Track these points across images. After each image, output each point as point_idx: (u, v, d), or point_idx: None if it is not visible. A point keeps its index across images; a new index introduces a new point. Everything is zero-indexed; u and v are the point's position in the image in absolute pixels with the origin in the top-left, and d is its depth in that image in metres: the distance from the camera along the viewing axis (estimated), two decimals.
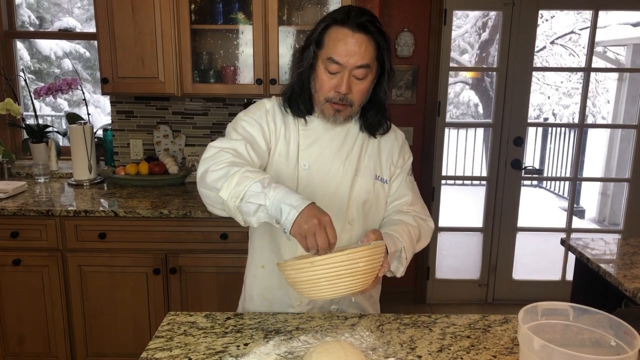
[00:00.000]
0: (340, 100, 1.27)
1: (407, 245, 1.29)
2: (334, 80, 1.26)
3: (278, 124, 1.36)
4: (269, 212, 1.07)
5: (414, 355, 1.14)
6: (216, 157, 1.20)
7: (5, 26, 3.02)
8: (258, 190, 1.07)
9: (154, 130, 2.86)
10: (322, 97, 1.30)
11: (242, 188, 1.09)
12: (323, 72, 1.27)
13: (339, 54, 1.23)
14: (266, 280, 1.44)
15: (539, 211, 6.05)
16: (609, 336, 0.95)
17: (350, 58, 1.23)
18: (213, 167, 1.16)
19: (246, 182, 1.09)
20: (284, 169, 1.35)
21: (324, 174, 1.36)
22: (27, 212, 2.26)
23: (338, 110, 1.30)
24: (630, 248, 2.00)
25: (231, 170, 1.13)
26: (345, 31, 1.23)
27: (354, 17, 1.24)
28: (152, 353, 1.13)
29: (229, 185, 1.10)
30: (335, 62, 1.24)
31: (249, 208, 1.08)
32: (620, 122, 4.96)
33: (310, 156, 1.36)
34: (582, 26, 9.09)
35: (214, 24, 2.58)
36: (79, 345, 2.41)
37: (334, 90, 1.27)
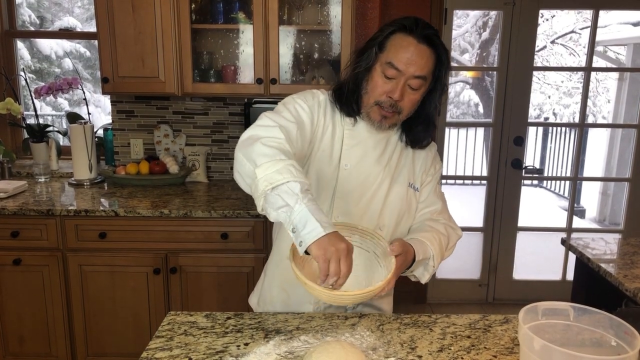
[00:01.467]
0: (391, 106, 1.28)
1: (436, 253, 1.31)
2: (388, 85, 1.26)
3: (327, 120, 1.35)
4: (292, 216, 1.03)
5: (415, 355, 1.14)
6: (271, 131, 1.16)
7: (6, 26, 3.02)
8: (296, 190, 1.03)
9: (155, 130, 2.86)
10: (372, 99, 1.29)
11: (280, 178, 1.04)
12: (379, 75, 1.27)
13: (400, 60, 1.24)
14: (288, 272, 1.41)
15: (540, 211, 6.05)
16: (609, 336, 0.95)
17: (410, 67, 1.24)
18: (265, 140, 1.12)
19: (287, 175, 1.05)
20: (326, 166, 1.35)
21: (363, 177, 1.36)
22: (28, 211, 2.26)
23: (385, 117, 1.30)
24: (630, 248, 2.00)
25: (279, 155, 1.09)
26: (410, 39, 1.25)
27: (421, 28, 1.25)
28: (152, 353, 1.13)
29: (270, 168, 1.05)
30: (394, 68, 1.24)
31: (276, 200, 1.04)
32: (621, 121, 4.96)
33: (353, 157, 1.36)
34: (583, 25, 9.09)
35: (214, 24, 2.58)
36: (79, 345, 2.41)
37: (387, 95, 1.27)
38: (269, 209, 1.06)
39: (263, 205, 1.07)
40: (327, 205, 1.36)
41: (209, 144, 2.89)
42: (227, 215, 2.27)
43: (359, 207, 1.36)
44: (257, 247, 2.33)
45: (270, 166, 1.05)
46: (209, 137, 2.88)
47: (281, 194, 1.03)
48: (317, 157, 1.34)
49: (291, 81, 2.66)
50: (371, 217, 1.37)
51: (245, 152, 1.12)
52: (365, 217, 1.37)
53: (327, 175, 1.35)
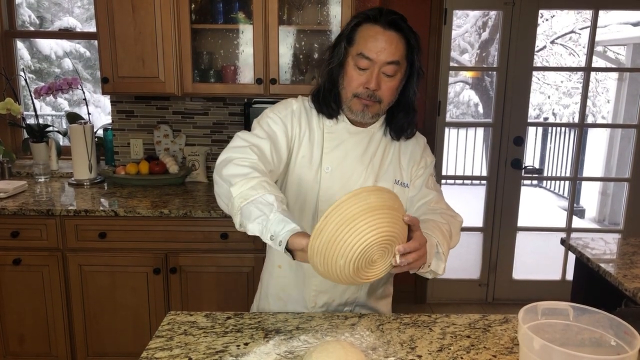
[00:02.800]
0: (369, 96, 1.28)
1: (440, 240, 1.25)
2: (363, 77, 1.27)
3: (303, 126, 1.36)
4: (268, 224, 1.06)
5: (414, 355, 1.14)
6: (242, 152, 1.21)
7: (6, 26, 3.02)
8: (270, 200, 1.09)
9: (154, 130, 2.86)
10: (349, 93, 1.30)
11: (254, 193, 1.10)
12: (352, 68, 1.28)
13: (370, 50, 1.24)
14: (281, 280, 1.45)
15: (539, 211, 6.05)
16: (609, 336, 0.96)
17: (381, 54, 1.24)
18: (237, 161, 1.18)
19: (260, 190, 1.10)
20: (307, 171, 1.36)
21: (346, 178, 1.36)
22: (28, 211, 2.26)
23: (366, 105, 1.29)
24: (630, 248, 2.00)
25: (253, 173, 1.14)
26: (376, 28, 1.25)
27: (385, 14, 1.26)
28: (152, 352, 1.13)
29: (243, 185, 1.11)
30: (366, 58, 1.25)
31: (251, 212, 1.09)
32: (620, 121, 4.96)
33: (334, 160, 1.36)
34: (582, 26, 9.09)
35: (214, 24, 2.58)
36: (79, 345, 2.41)
37: (363, 86, 1.27)
38: (245, 222, 1.10)
39: (240, 221, 1.11)
40: (312, 210, 1.37)
41: (208, 144, 2.89)
42: (227, 215, 2.27)
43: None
44: (257, 247, 2.33)
45: (244, 184, 1.11)
46: (208, 137, 2.88)
47: (257, 205, 1.08)
48: (297, 164, 1.36)
49: (291, 81, 2.66)
50: None
51: (221, 173, 1.18)
52: None
53: (309, 181, 1.36)
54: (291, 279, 1.44)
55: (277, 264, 1.46)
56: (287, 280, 1.44)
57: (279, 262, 1.44)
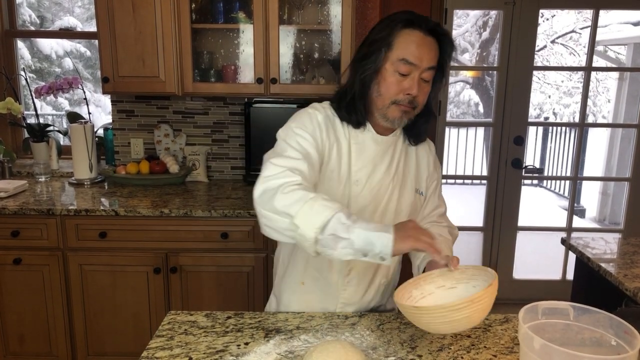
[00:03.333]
0: (409, 102, 1.26)
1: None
2: (404, 82, 1.25)
3: (331, 139, 1.31)
4: (354, 245, 1.03)
5: (415, 355, 1.14)
6: (282, 177, 1.13)
7: (6, 25, 3.02)
8: (343, 221, 1.04)
9: (155, 130, 2.86)
10: (387, 100, 1.27)
11: (323, 218, 1.04)
12: (392, 74, 1.25)
13: (413, 55, 1.23)
14: (306, 296, 1.42)
15: (540, 210, 6.05)
16: (609, 335, 0.95)
17: (423, 60, 1.23)
18: (283, 188, 1.10)
19: (326, 212, 1.05)
20: (335, 185, 1.32)
21: (375, 190, 1.34)
22: (28, 211, 2.27)
23: (405, 112, 1.28)
24: (630, 247, 2.00)
25: (307, 194, 1.08)
26: (417, 33, 1.24)
27: (424, 21, 1.25)
28: (152, 352, 1.14)
29: (307, 213, 1.05)
30: (409, 63, 1.23)
31: (330, 241, 1.04)
32: (621, 121, 4.96)
33: (363, 172, 1.33)
34: (583, 25, 9.09)
35: (214, 23, 2.58)
36: (79, 344, 2.41)
37: (404, 92, 1.25)
38: (327, 251, 1.06)
39: (320, 250, 1.07)
40: None
41: (209, 144, 2.89)
42: (227, 214, 2.27)
43: (374, 220, 1.33)
44: (257, 246, 2.33)
45: (306, 211, 1.05)
46: (209, 136, 2.89)
47: (333, 232, 1.04)
48: (325, 178, 1.31)
49: (291, 81, 2.66)
50: None
51: (270, 207, 1.10)
52: None
53: (337, 195, 1.31)
54: (316, 295, 1.40)
55: (299, 281, 1.41)
56: (313, 295, 1.41)
57: (302, 279, 1.41)
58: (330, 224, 1.04)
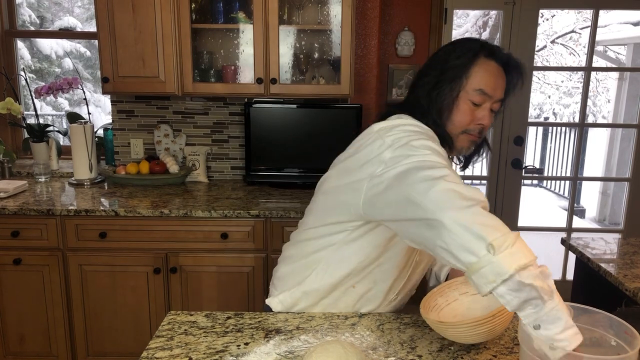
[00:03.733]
0: (479, 132, 1.27)
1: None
2: (478, 113, 1.25)
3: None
4: (541, 312, 0.90)
5: (415, 355, 1.14)
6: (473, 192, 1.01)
7: (6, 25, 3.02)
8: (547, 278, 0.92)
9: (155, 130, 2.86)
10: (459, 129, 1.26)
11: (526, 261, 0.91)
12: (466, 103, 1.24)
13: (489, 86, 1.23)
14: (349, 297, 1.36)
15: (540, 211, 6.05)
16: (609, 336, 0.96)
17: (497, 91, 1.24)
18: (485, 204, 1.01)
19: (529, 257, 0.92)
20: None
21: None
22: (28, 211, 2.27)
23: (474, 142, 1.29)
24: (630, 247, 2.00)
25: (504, 227, 0.96)
26: (493, 64, 1.24)
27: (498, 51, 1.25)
28: (152, 352, 1.14)
29: (508, 245, 0.92)
30: (485, 94, 1.23)
31: (522, 289, 0.90)
32: (621, 121, 4.96)
33: None
34: (583, 25, 9.09)
35: (214, 23, 2.58)
36: (79, 345, 2.41)
37: (476, 122, 1.25)
38: (507, 297, 0.92)
39: (496, 290, 0.93)
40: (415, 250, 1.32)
41: (209, 144, 2.89)
42: (227, 215, 2.27)
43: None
44: (257, 246, 2.33)
45: (507, 242, 0.92)
46: (209, 137, 2.88)
47: (531, 282, 0.90)
48: None
49: (291, 81, 2.66)
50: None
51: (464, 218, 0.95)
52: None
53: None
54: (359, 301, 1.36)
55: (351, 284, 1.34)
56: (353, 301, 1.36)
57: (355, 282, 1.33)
58: (528, 270, 0.91)
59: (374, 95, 2.89)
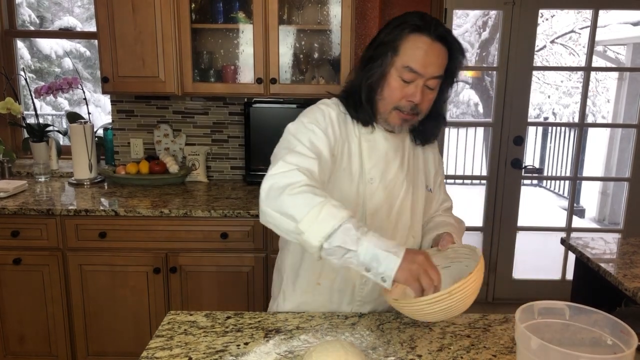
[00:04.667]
0: (411, 109, 1.24)
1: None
2: (407, 89, 1.22)
3: (342, 136, 1.28)
4: (359, 258, 1.01)
5: (414, 355, 1.14)
6: (291, 176, 1.09)
7: (6, 25, 3.02)
8: (350, 233, 1.01)
9: (155, 130, 2.86)
10: (390, 105, 1.25)
11: (328, 227, 1.01)
12: (396, 80, 1.22)
13: (418, 63, 1.19)
14: (320, 297, 1.38)
15: (539, 210, 6.05)
16: (605, 335, 0.96)
17: (429, 68, 1.20)
18: (290, 189, 1.06)
19: (332, 222, 1.01)
20: (348, 184, 1.29)
21: (389, 189, 1.32)
22: (28, 211, 2.27)
23: (405, 120, 1.26)
24: (630, 247, 2.00)
25: (314, 199, 1.03)
26: (425, 39, 1.20)
27: (434, 26, 1.20)
28: (152, 352, 1.14)
29: (312, 220, 1.01)
30: (413, 71, 1.20)
31: (336, 251, 1.01)
32: (620, 121, 4.96)
33: (376, 170, 1.30)
34: (582, 25, 9.10)
35: (214, 23, 2.58)
36: (79, 344, 2.41)
37: (406, 99, 1.23)
38: (331, 259, 1.04)
39: (321, 255, 1.04)
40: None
41: (208, 144, 2.89)
42: (227, 214, 2.28)
43: (389, 220, 1.32)
44: (257, 246, 2.33)
45: (311, 218, 1.01)
46: (209, 136, 2.89)
47: (339, 244, 1.01)
48: (337, 177, 1.27)
49: (291, 81, 2.66)
50: (403, 228, 1.34)
51: (275, 206, 1.07)
52: (397, 231, 1.34)
53: (351, 194, 1.28)
54: (333, 294, 1.37)
55: (315, 282, 1.36)
56: (328, 296, 1.37)
57: (319, 279, 1.36)
58: (337, 234, 1.00)
59: None
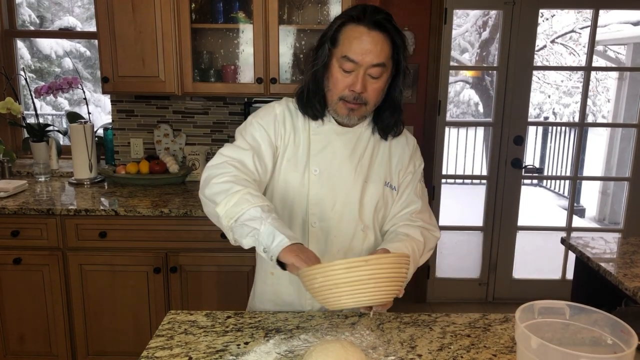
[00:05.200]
0: (355, 99, 1.25)
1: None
2: (348, 79, 1.24)
3: (288, 129, 1.35)
4: (260, 237, 1.09)
5: (414, 354, 1.14)
6: (221, 168, 1.22)
7: (6, 25, 3.02)
8: (257, 215, 1.11)
9: (155, 129, 2.86)
10: (335, 95, 1.28)
11: (239, 210, 1.12)
12: (337, 71, 1.25)
13: (355, 52, 1.21)
14: (275, 287, 1.42)
15: (539, 210, 6.06)
16: (605, 335, 0.96)
17: (366, 56, 1.21)
18: (216, 179, 1.19)
19: (244, 205, 1.12)
20: (293, 174, 1.34)
21: (335, 180, 1.34)
22: (28, 211, 2.27)
23: (352, 109, 1.28)
24: (630, 247, 2.00)
25: (233, 187, 1.16)
26: (361, 29, 1.22)
27: (370, 14, 1.22)
28: (152, 352, 1.14)
29: (227, 204, 1.13)
30: (351, 61, 1.22)
31: (242, 230, 1.12)
32: (621, 121, 4.96)
33: (322, 161, 1.34)
34: (583, 25, 9.09)
35: (214, 23, 2.58)
36: (79, 344, 2.41)
37: (349, 89, 1.25)
38: (239, 239, 1.14)
39: (234, 238, 1.15)
40: (302, 213, 1.35)
41: (208, 144, 2.89)
42: None
43: (335, 210, 1.34)
44: None
45: (226, 202, 1.14)
46: (209, 136, 2.89)
47: (245, 222, 1.11)
48: (282, 168, 1.34)
49: (291, 80, 2.66)
50: (350, 219, 1.35)
51: (205, 193, 1.21)
52: (342, 221, 1.35)
53: (296, 185, 1.34)
54: (285, 286, 1.40)
55: (269, 271, 1.42)
56: (281, 287, 1.41)
57: (271, 269, 1.41)
58: (244, 215, 1.12)
59: None
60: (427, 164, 3.26)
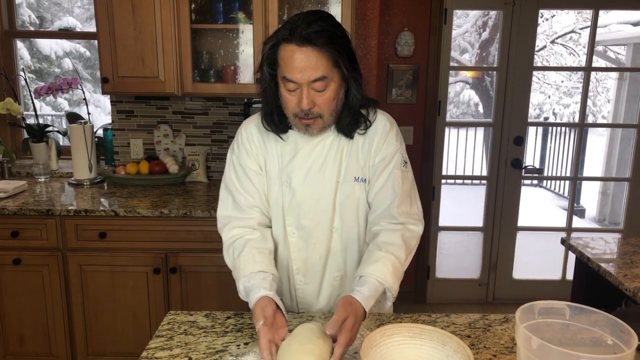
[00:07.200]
0: (306, 115, 1.25)
1: (391, 284, 1.21)
2: (295, 98, 1.24)
3: (259, 146, 1.39)
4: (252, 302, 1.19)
5: None
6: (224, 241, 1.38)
7: (6, 25, 3.02)
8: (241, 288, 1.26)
9: (154, 130, 2.86)
10: (290, 113, 1.28)
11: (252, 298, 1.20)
12: (284, 90, 1.25)
13: (291, 72, 1.19)
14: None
15: (539, 210, 6.05)
16: (606, 335, 0.96)
17: (304, 74, 1.19)
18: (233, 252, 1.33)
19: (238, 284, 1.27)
20: (271, 187, 1.38)
21: (307, 187, 1.35)
22: (28, 211, 2.27)
23: (308, 124, 1.28)
24: (630, 247, 2.00)
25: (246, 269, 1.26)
26: (292, 47, 1.19)
27: (298, 30, 1.17)
28: (152, 352, 1.14)
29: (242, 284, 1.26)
30: (290, 81, 1.21)
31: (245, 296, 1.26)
32: (621, 121, 4.96)
33: (292, 171, 1.36)
34: (583, 25, 9.09)
35: (214, 24, 2.58)
36: (79, 345, 2.41)
37: (299, 107, 1.24)
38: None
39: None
40: (281, 223, 1.38)
41: (208, 144, 2.89)
42: None
43: (309, 218, 1.36)
44: None
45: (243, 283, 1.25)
46: (208, 137, 2.89)
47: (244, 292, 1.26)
48: (267, 183, 1.39)
49: None
50: (324, 222, 1.37)
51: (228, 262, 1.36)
52: (319, 227, 1.37)
53: (274, 195, 1.38)
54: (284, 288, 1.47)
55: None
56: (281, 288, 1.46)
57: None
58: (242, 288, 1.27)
59: (373, 95, 2.89)
60: (427, 164, 3.29)
